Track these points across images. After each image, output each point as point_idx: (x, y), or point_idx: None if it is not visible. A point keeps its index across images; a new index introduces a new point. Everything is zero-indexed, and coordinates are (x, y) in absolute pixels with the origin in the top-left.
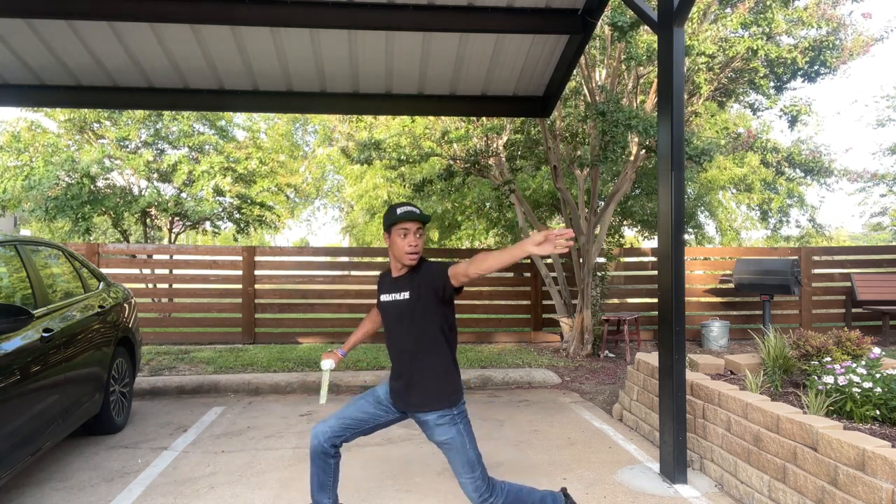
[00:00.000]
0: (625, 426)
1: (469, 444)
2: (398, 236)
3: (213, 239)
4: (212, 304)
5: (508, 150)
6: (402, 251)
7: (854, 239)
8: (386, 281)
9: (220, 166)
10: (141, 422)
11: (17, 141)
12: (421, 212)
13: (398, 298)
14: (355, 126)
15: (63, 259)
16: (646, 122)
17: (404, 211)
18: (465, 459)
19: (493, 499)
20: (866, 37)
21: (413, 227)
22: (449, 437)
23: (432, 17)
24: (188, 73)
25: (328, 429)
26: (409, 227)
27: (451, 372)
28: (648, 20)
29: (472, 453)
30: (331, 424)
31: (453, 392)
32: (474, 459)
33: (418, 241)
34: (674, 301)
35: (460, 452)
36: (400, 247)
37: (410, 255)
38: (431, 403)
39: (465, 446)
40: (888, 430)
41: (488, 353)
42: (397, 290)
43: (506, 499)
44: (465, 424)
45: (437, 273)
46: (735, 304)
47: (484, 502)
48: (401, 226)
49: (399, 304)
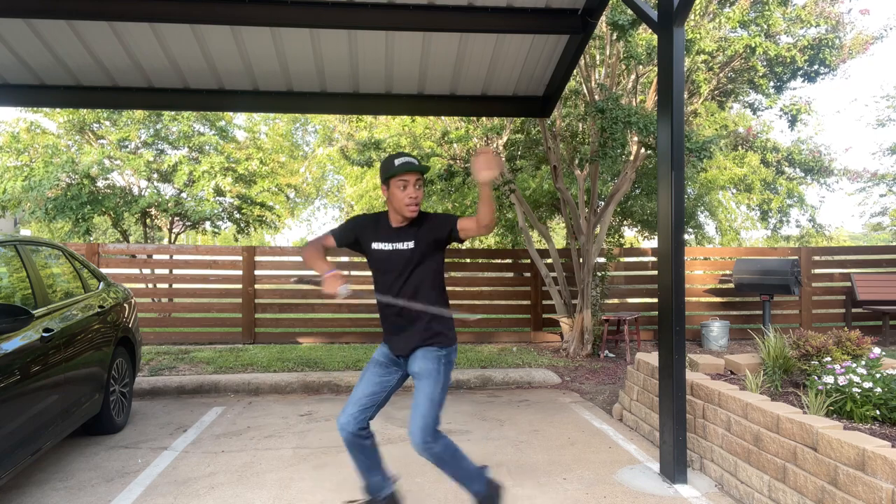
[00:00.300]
0: (625, 426)
1: (442, 384)
2: (397, 188)
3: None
4: (212, 304)
5: (508, 150)
6: (402, 203)
7: (854, 239)
8: (381, 229)
9: (221, 166)
10: (141, 422)
11: (16, 141)
12: (419, 162)
13: (400, 248)
14: (355, 126)
15: (63, 259)
16: (645, 119)
17: (403, 162)
18: (431, 394)
19: (434, 444)
20: (866, 35)
21: (412, 179)
22: (427, 367)
23: (432, 17)
24: (188, 73)
25: (350, 417)
26: (408, 178)
27: (446, 316)
28: (648, 20)
29: (439, 395)
30: (350, 412)
31: (446, 334)
32: (437, 401)
33: (418, 193)
34: (674, 301)
35: (429, 385)
36: (400, 199)
37: (410, 206)
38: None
39: (438, 382)
40: (888, 430)
41: (488, 353)
42: (399, 240)
43: (444, 450)
44: (446, 368)
45: (443, 220)
46: (735, 304)
47: (426, 444)
48: (400, 178)
49: (402, 253)
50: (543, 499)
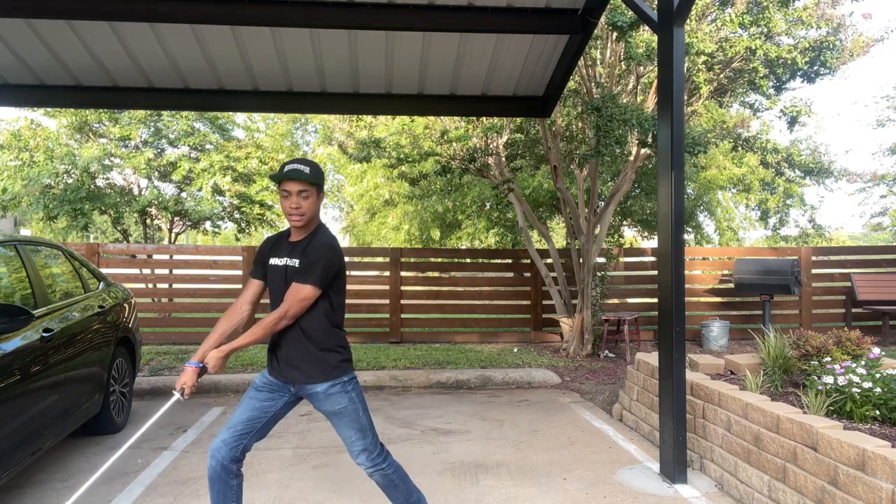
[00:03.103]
0: (625, 426)
1: (362, 411)
2: (282, 197)
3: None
4: (212, 304)
5: (508, 150)
6: (285, 212)
7: (854, 239)
8: (279, 245)
9: (220, 165)
10: (141, 422)
11: (17, 140)
12: (310, 171)
13: (289, 264)
14: (355, 125)
15: (63, 259)
16: (640, 117)
17: (289, 169)
18: (358, 426)
19: (384, 464)
20: (866, 37)
21: (295, 189)
22: (342, 406)
23: (432, 17)
24: (188, 73)
25: (222, 443)
26: (290, 188)
27: (335, 341)
28: (648, 20)
29: (365, 419)
30: (224, 437)
31: (341, 361)
32: (366, 425)
33: (301, 203)
34: (674, 301)
35: (353, 419)
36: (283, 207)
37: (291, 216)
38: (319, 375)
39: (357, 412)
40: (888, 430)
41: (488, 353)
42: (290, 255)
43: (395, 470)
44: (356, 392)
45: (311, 258)
46: (735, 304)
47: (376, 467)
48: (283, 185)
49: (291, 269)
50: (543, 499)
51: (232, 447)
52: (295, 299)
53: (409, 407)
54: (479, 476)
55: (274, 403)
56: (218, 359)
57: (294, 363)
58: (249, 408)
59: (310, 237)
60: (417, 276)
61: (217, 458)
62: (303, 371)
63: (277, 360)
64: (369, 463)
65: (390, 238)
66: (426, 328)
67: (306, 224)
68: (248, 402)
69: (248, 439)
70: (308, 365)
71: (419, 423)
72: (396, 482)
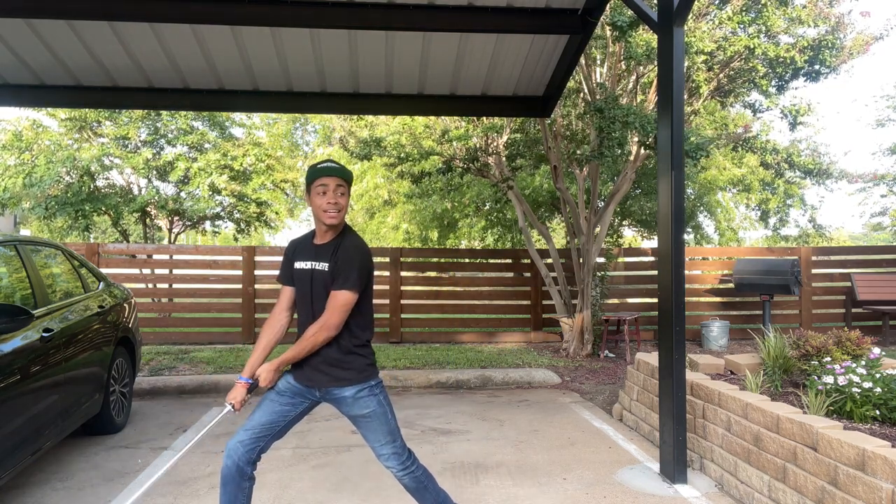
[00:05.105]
0: (625, 426)
1: (390, 414)
2: (317, 194)
3: (212, 239)
4: (212, 304)
5: (508, 150)
6: (320, 209)
7: (854, 239)
8: (303, 248)
9: (217, 164)
10: (141, 422)
11: (18, 140)
12: (342, 167)
13: (316, 268)
14: (355, 125)
15: (63, 259)
16: (643, 119)
17: (326, 165)
18: (388, 429)
19: (413, 466)
20: (866, 35)
21: (333, 183)
22: (370, 409)
23: (432, 17)
24: (188, 73)
25: (239, 444)
26: (328, 182)
27: (363, 344)
28: (648, 20)
29: (393, 422)
30: (241, 439)
31: (368, 365)
32: (395, 428)
33: (338, 199)
34: (674, 301)
35: (382, 422)
36: (318, 205)
37: (328, 212)
38: (347, 379)
39: (386, 416)
40: (888, 430)
41: (488, 353)
42: (316, 259)
43: (423, 472)
44: (384, 395)
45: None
46: (735, 304)
47: (406, 470)
48: (319, 181)
49: (319, 273)
50: (543, 499)
51: (249, 448)
52: (335, 307)
53: (410, 407)
54: (479, 476)
55: (294, 408)
56: (271, 372)
57: (321, 367)
58: (270, 411)
59: (338, 240)
60: (417, 276)
61: (233, 458)
62: (331, 375)
63: (304, 364)
64: (400, 466)
65: (389, 237)
66: (426, 328)
67: (341, 222)
68: (269, 405)
69: (265, 442)
70: (336, 369)
71: (419, 423)
72: (426, 483)
